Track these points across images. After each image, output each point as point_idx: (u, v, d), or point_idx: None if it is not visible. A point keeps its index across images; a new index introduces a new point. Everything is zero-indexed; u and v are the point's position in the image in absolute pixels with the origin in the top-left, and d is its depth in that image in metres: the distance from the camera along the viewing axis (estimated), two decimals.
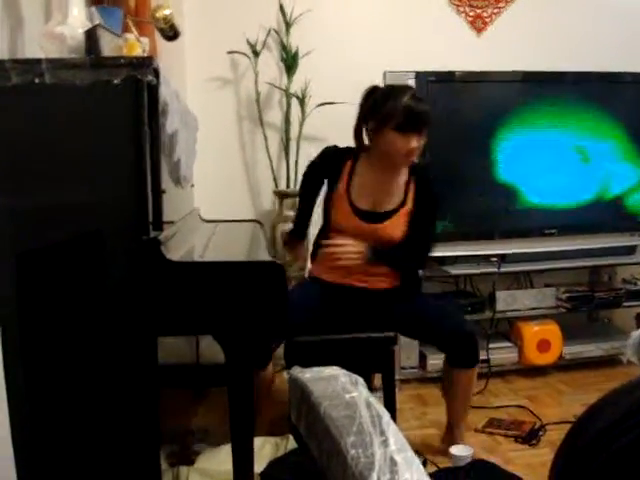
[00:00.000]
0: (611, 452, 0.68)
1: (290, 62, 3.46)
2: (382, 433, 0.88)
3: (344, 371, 1.05)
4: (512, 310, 3.50)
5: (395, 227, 2.54)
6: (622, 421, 0.69)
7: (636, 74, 3.53)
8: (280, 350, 2.51)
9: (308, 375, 1.05)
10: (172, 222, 1.95)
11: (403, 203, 2.56)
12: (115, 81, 1.56)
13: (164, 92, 1.67)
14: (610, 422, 0.70)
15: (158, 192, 1.67)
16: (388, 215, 2.55)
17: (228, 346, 1.69)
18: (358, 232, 2.52)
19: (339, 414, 0.91)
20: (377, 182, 2.56)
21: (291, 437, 2.50)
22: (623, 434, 0.67)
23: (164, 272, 1.61)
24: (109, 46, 1.73)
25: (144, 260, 1.60)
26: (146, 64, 1.58)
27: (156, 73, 1.60)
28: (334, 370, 1.05)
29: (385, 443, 0.87)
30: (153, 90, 1.61)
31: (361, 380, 1.03)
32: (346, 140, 2.63)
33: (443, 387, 2.73)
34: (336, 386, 0.98)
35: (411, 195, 2.56)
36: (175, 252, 1.74)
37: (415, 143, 2.43)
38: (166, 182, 1.80)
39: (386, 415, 0.91)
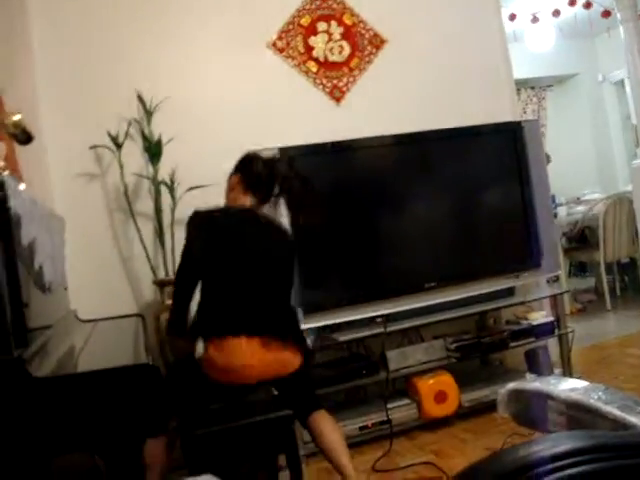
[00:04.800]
0: None
1: (154, 150, 3.47)
2: None
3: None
4: (405, 367, 3.53)
5: None
6: None
7: (493, 124, 3.80)
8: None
9: None
10: (45, 328, 1.92)
11: None
12: None
13: (15, 204, 1.63)
14: None
15: (19, 306, 1.61)
16: None
17: (106, 457, 1.64)
18: None
19: None
20: None
21: None
22: None
23: (32, 391, 1.53)
24: None
25: (8, 381, 1.52)
26: None
27: (2, 186, 1.57)
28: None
29: None
30: (1, 203, 1.57)
31: None
32: None
33: (317, 445, 2.61)
34: None
35: None
36: (46, 365, 1.69)
37: None
38: (31, 292, 1.77)
39: None
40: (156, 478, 2.34)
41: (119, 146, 3.47)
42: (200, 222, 2.60)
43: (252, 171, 2.72)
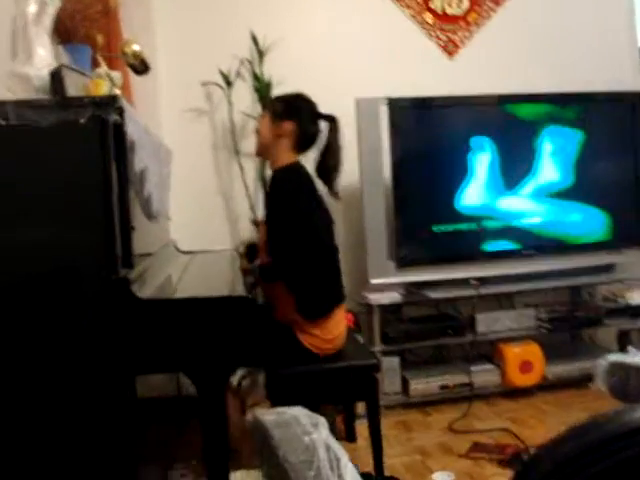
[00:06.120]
0: None
1: (264, 91, 3.48)
2: (340, 477, 0.88)
3: (306, 411, 1.05)
4: (493, 332, 3.51)
5: (262, 237, 2.58)
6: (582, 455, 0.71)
7: (609, 93, 3.65)
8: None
9: (270, 417, 1.03)
10: (147, 255, 1.98)
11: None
12: (80, 121, 1.56)
13: (131, 130, 1.67)
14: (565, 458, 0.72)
15: (127, 229, 1.67)
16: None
17: (199, 381, 1.69)
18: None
19: (297, 459, 0.90)
20: None
21: None
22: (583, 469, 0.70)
23: (134, 311, 1.60)
24: (75, 85, 1.75)
25: (114, 299, 1.59)
26: (110, 103, 1.59)
27: (121, 112, 1.60)
28: (296, 411, 1.04)
29: None
30: (119, 128, 1.61)
31: (322, 420, 1.02)
32: None
33: None
34: (296, 429, 0.96)
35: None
36: (147, 288, 1.75)
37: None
38: (138, 218, 1.83)
39: (344, 457, 0.91)
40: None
41: (230, 84, 3.53)
42: (307, 182, 2.45)
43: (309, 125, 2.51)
